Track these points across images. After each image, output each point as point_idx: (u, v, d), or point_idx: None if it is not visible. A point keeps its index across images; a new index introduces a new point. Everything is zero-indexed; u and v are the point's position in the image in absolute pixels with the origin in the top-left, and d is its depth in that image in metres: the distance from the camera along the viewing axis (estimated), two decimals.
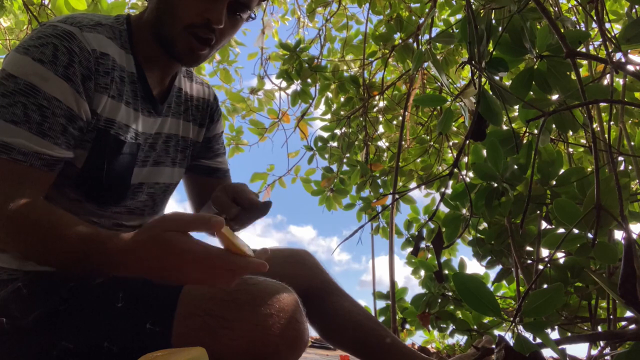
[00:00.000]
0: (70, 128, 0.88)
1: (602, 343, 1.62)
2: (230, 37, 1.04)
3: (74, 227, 0.80)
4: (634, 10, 1.82)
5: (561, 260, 1.67)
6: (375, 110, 3.40)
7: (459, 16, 2.78)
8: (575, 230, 1.39)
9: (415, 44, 2.76)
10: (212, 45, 0.99)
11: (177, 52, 0.98)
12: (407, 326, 2.38)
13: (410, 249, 2.92)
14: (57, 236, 0.80)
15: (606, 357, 1.57)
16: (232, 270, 0.74)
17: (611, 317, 1.64)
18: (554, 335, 1.73)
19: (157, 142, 1.08)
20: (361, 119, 3.29)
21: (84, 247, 0.79)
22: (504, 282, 2.18)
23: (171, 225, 0.74)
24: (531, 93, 1.52)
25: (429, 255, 2.85)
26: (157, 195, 1.13)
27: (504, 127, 1.69)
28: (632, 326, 1.56)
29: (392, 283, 2.44)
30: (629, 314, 1.68)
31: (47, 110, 0.85)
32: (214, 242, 0.81)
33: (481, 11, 1.59)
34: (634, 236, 1.24)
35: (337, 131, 3.39)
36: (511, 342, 1.09)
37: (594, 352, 1.67)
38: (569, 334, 1.73)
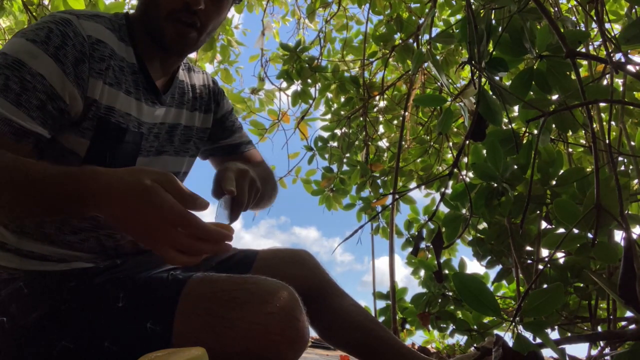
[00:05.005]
0: (50, 106, 0.88)
1: (602, 343, 1.62)
2: (219, 19, 1.05)
3: (46, 167, 0.78)
4: (634, 11, 1.82)
5: (561, 260, 1.67)
6: (375, 110, 3.40)
7: (459, 16, 2.79)
8: (575, 230, 1.39)
9: (415, 44, 2.76)
10: (200, 29, 1.00)
11: (166, 41, 0.99)
12: (407, 326, 2.38)
13: (410, 249, 2.92)
14: (28, 177, 0.77)
15: (606, 357, 1.57)
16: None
17: (611, 317, 1.64)
18: (554, 335, 1.73)
19: (161, 131, 1.09)
20: (361, 119, 3.29)
21: (56, 182, 0.76)
22: (504, 282, 2.18)
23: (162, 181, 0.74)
24: (531, 93, 1.52)
25: (429, 255, 2.85)
26: None
27: (504, 127, 1.69)
28: (632, 326, 1.56)
29: (392, 283, 2.44)
30: (629, 314, 1.68)
31: (29, 84, 0.85)
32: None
33: (481, 11, 1.59)
34: (634, 236, 1.24)
35: (337, 131, 3.38)
36: (511, 342, 1.10)
37: (594, 352, 1.67)
38: (569, 334, 1.73)
